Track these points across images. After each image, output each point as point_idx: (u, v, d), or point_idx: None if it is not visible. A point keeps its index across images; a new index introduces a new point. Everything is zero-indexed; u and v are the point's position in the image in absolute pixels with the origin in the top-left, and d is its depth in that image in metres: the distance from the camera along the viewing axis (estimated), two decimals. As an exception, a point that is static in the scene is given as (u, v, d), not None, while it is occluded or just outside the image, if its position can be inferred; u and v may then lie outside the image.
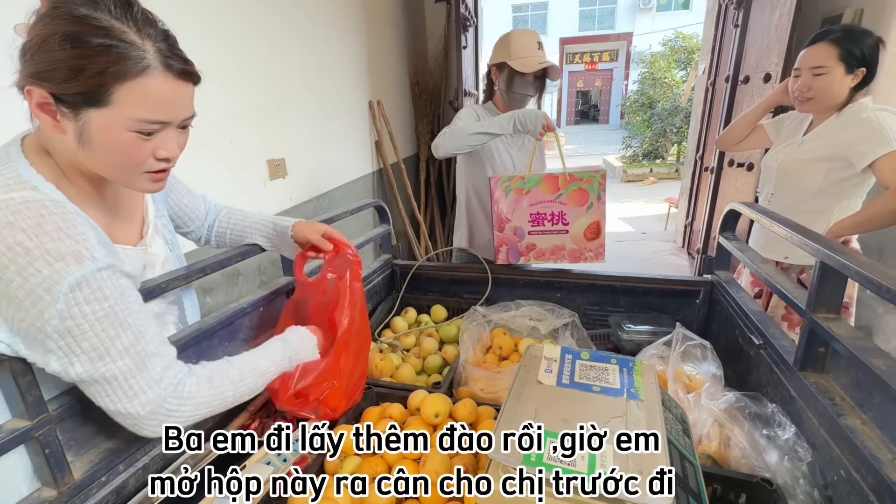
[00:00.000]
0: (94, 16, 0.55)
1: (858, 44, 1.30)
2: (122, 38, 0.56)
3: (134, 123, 0.59)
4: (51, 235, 0.55)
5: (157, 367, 0.63)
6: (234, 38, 1.65)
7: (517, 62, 1.52)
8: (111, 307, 0.58)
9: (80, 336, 0.56)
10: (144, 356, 0.61)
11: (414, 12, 3.53)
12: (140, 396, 0.61)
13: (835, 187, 1.39)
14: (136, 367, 0.61)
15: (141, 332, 0.62)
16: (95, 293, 0.57)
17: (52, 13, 0.55)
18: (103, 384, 0.59)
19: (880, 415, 0.67)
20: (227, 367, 0.73)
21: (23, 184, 0.58)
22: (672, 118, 9.48)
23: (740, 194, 3.04)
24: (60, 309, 0.54)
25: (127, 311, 0.60)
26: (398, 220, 3.23)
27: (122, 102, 0.58)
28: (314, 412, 0.94)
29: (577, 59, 19.45)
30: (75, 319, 0.56)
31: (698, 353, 1.02)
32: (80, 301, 0.56)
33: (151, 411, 0.62)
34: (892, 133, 1.23)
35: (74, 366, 0.57)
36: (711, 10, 3.93)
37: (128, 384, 0.60)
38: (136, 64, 0.57)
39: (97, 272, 0.57)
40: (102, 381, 0.59)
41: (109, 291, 0.58)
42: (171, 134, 0.65)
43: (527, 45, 1.53)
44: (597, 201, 1.28)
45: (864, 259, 0.70)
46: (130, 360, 0.60)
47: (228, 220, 1.02)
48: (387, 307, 1.52)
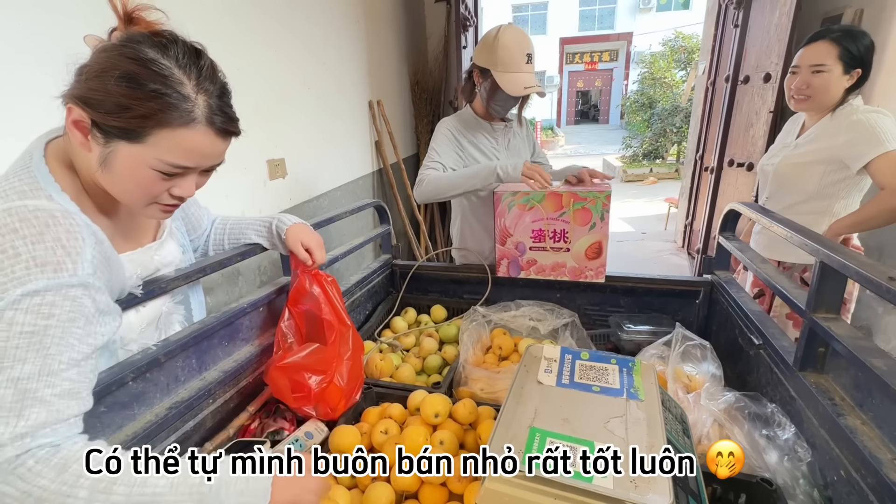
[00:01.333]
0: (160, 62, 0.58)
1: (857, 44, 1.31)
2: (178, 90, 0.58)
3: (159, 164, 0.61)
4: (46, 245, 0.55)
5: (31, 419, 0.50)
6: (234, 37, 1.65)
7: (502, 76, 1.37)
8: (45, 327, 0.53)
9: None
10: (30, 399, 0.51)
11: (414, 12, 3.53)
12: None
13: (831, 189, 1.39)
14: (10, 408, 0.50)
15: (52, 371, 0.53)
16: (42, 308, 0.53)
17: (121, 48, 0.58)
18: None
19: (880, 415, 0.67)
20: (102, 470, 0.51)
21: (38, 191, 0.59)
22: (672, 118, 9.49)
23: (740, 194, 3.04)
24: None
25: (58, 341, 0.53)
26: (398, 220, 3.23)
27: (155, 144, 0.60)
28: (314, 409, 0.94)
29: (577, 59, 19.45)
30: (1, 322, 0.51)
31: (698, 353, 1.02)
32: (22, 308, 0.52)
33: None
34: (884, 134, 1.24)
35: None
36: (711, 9, 3.93)
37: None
38: (182, 116, 0.59)
39: (65, 287, 0.55)
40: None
41: (58, 311, 0.54)
42: (192, 177, 0.67)
43: (515, 56, 1.36)
44: (600, 221, 1.27)
45: (864, 259, 0.70)
46: (12, 395, 0.50)
47: (223, 226, 1.02)
48: (387, 307, 1.52)
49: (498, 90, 1.40)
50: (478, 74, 1.47)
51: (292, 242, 0.96)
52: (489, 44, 1.39)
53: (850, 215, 1.34)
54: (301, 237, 0.97)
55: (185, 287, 0.89)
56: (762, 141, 2.70)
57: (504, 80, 1.38)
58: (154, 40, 0.59)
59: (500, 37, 1.37)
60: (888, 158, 1.22)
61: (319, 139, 2.31)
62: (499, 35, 1.38)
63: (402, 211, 3.23)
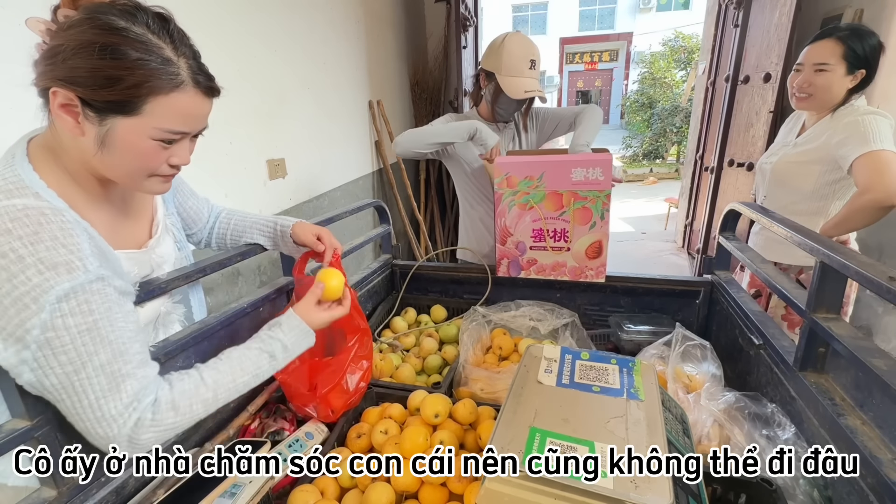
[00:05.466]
0: (134, 29, 0.57)
1: (863, 43, 1.30)
2: (160, 55, 0.59)
3: (159, 133, 0.62)
4: (46, 244, 0.55)
5: (129, 391, 0.60)
6: (234, 37, 1.65)
7: (506, 80, 1.42)
8: (94, 322, 0.57)
9: (60, 348, 0.55)
10: (119, 377, 0.60)
11: (414, 12, 3.53)
12: (109, 421, 0.59)
13: (827, 189, 1.39)
14: (109, 388, 0.59)
15: (120, 351, 0.60)
16: (81, 306, 0.56)
17: (91, 22, 0.56)
18: (75, 400, 0.57)
19: (880, 415, 0.67)
20: (199, 388, 0.67)
21: (24, 189, 0.58)
22: (672, 118, 9.49)
23: (740, 194, 3.04)
24: (44, 319, 0.54)
25: (110, 328, 0.59)
26: (398, 220, 3.23)
27: (151, 113, 0.60)
28: (315, 409, 0.94)
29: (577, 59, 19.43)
30: (57, 331, 0.55)
31: (698, 353, 1.02)
32: (66, 312, 0.55)
33: (117, 435, 0.60)
34: (873, 135, 1.22)
35: (49, 377, 0.56)
36: (711, 9, 3.93)
37: (98, 405, 0.58)
38: (171, 80, 0.60)
39: (87, 284, 0.57)
40: (75, 396, 0.57)
41: (96, 305, 0.58)
42: (186, 143, 0.68)
43: (518, 62, 1.41)
44: (600, 220, 1.27)
45: (864, 259, 0.70)
46: (105, 379, 0.58)
47: (228, 221, 1.02)
48: (387, 307, 1.52)
49: (501, 93, 1.44)
50: (483, 77, 1.52)
51: (302, 235, 0.97)
52: (495, 49, 1.45)
53: (833, 218, 1.33)
54: (308, 229, 0.98)
55: (185, 287, 0.89)
56: (762, 141, 2.70)
57: (507, 83, 1.42)
58: (119, 9, 0.58)
59: (506, 42, 1.42)
60: (868, 158, 1.21)
61: (319, 139, 2.31)
62: (505, 41, 1.43)
63: (402, 211, 3.23)
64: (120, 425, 0.59)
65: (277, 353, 0.77)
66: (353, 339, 1.00)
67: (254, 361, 0.74)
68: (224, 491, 0.70)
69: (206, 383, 0.68)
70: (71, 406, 0.58)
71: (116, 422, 0.59)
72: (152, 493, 0.71)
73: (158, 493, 0.71)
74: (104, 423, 0.59)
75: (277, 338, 0.78)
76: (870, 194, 1.18)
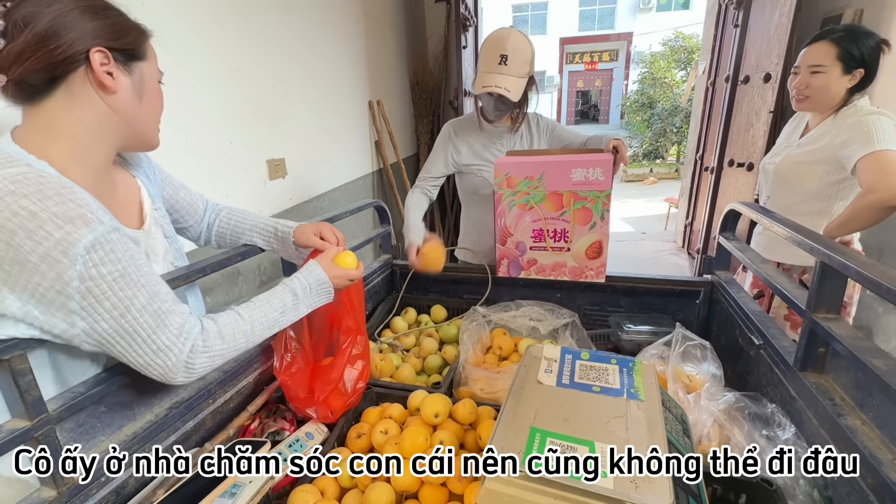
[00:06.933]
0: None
1: (858, 44, 1.30)
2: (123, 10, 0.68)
3: (158, 74, 0.74)
4: (54, 200, 0.55)
5: (175, 324, 0.65)
6: (234, 37, 1.65)
7: (478, 76, 1.38)
8: (125, 268, 0.60)
9: (101, 296, 0.58)
10: (162, 314, 0.64)
11: (414, 12, 3.53)
12: (165, 351, 0.64)
13: (830, 189, 1.39)
14: (157, 324, 0.63)
15: (155, 292, 0.64)
16: (109, 255, 0.58)
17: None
18: (129, 340, 0.61)
19: (880, 415, 0.67)
20: (238, 321, 0.75)
21: (15, 162, 0.58)
22: (672, 118, 9.50)
23: (740, 194, 3.04)
24: (80, 270, 0.55)
25: (139, 273, 0.62)
26: (398, 221, 3.23)
27: (150, 57, 0.72)
28: (315, 411, 0.94)
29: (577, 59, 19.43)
30: (94, 280, 0.57)
31: (698, 354, 1.02)
32: (97, 262, 0.57)
33: (175, 363, 0.65)
34: (877, 135, 1.22)
35: (100, 323, 0.59)
36: (711, 9, 3.93)
37: (151, 340, 0.63)
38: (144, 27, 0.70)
39: (107, 234, 0.58)
40: (128, 336, 0.61)
41: (121, 254, 0.60)
42: None
43: (487, 57, 1.35)
44: (600, 221, 1.27)
45: (864, 259, 0.70)
46: (150, 317, 0.63)
47: (229, 219, 1.02)
48: (387, 307, 1.52)
49: None
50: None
51: (304, 238, 0.98)
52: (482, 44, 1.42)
53: (836, 218, 1.33)
54: (309, 230, 0.99)
55: (183, 288, 0.89)
56: (762, 141, 2.70)
57: (477, 79, 1.39)
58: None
59: (487, 39, 1.37)
60: (872, 158, 1.20)
61: (319, 139, 2.31)
62: (487, 38, 1.38)
63: (402, 211, 3.23)
64: (176, 353, 0.65)
65: (298, 291, 0.83)
66: (346, 340, 0.99)
67: (279, 298, 0.82)
68: (224, 491, 0.70)
69: (243, 317, 0.76)
70: (128, 346, 0.62)
71: (172, 351, 0.64)
72: (152, 493, 0.71)
73: (158, 493, 0.71)
74: (161, 354, 0.64)
75: (297, 278, 0.85)
76: (874, 194, 1.18)
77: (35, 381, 0.59)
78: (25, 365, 0.58)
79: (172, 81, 1.38)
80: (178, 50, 1.39)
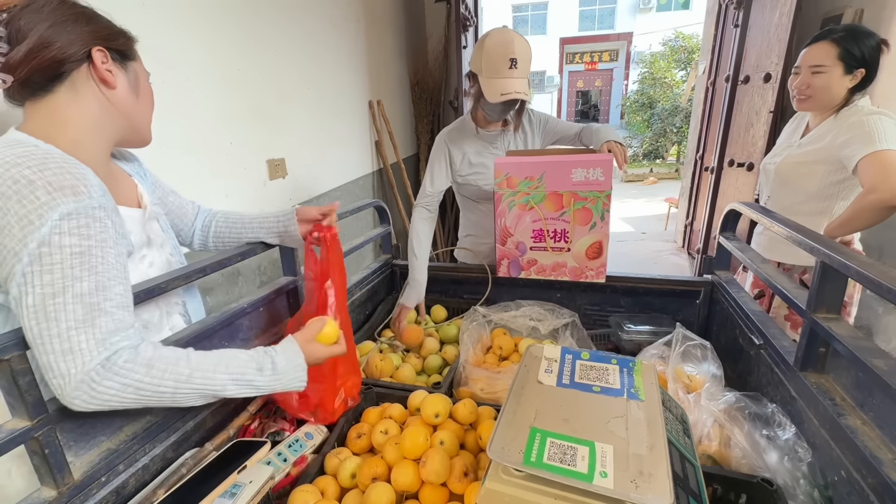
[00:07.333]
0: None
1: (859, 44, 1.30)
2: None
3: (146, 74, 0.78)
4: (53, 171, 0.58)
5: (103, 328, 0.59)
6: (234, 37, 1.65)
7: (485, 82, 1.31)
8: (88, 248, 0.59)
9: (48, 266, 0.56)
10: (96, 310, 0.59)
11: (414, 12, 3.53)
12: (76, 354, 0.57)
13: (831, 189, 1.39)
14: (83, 320, 0.57)
15: (104, 286, 0.60)
16: (81, 229, 0.58)
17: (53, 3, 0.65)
18: (44, 327, 0.56)
19: (881, 415, 0.66)
20: (178, 362, 0.65)
21: (23, 143, 0.62)
22: (672, 118, 9.50)
23: (740, 194, 3.04)
24: (43, 234, 0.56)
25: (101, 259, 0.60)
26: (398, 220, 3.23)
27: (139, 58, 0.76)
28: (313, 415, 0.94)
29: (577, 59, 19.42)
30: (51, 247, 0.56)
31: (698, 354, 1.02)
32: (64, 231, 0.57)
33: (80, 374, 0.57)
34: (878, 135, 1.22)
35: (28, 296, 0.55)
36: (711, 9, 3.93)
37: (67, 335, 0.56)
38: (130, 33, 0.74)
39: (90, 209, 0.60)
40: (45, 322, 0.56)
41: (94, 231, 0.60)
42: None
43: (496, 61, 1.28)
44: (600, 221, 1.27)
45: (864, 259, 0.70)
46: (81, 309, 0.57)
47: (227, 219, 1.03)
48: (387, 307, 1.52)
49: (482, 96, 1.33)
50: (471, 79, 1.41)
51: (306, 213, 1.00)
52: (478, 47, 1.33)
53: (837, 218, 1.33)
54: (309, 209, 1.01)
55: (182, 289, 0.89)
56: (762, 141, 2.70)
57: (486, 85, 1.31)
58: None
59: (487, 40, 1.30)
60: (873, 158, 1.20)
61: (319, 139, 2.30)
62: (486, 39, 1.31)
63: (402, 211, 3.23)
64: (86, 361, 0.57)
65: (266, 368, 0.72)
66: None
67: (241, 365, 0.71)
68: (224, 491, 0.70)
69: (190, 361, 0.66)
70: (39, 334, 0.56)
71: (84, 356, 0.57)
72: (152, 493, 0.71)
73: (158, 493, 0.71)
74: (70, 356, 0.56)
75: (270, 354, 0.74)
76: (875, 194, 1.18)
77: (35, 381, 0.59)
78: (25, 365, 0.58)
79: (173, 81, 1.39)
80: (179, 50, 1.39)
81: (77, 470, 0.65)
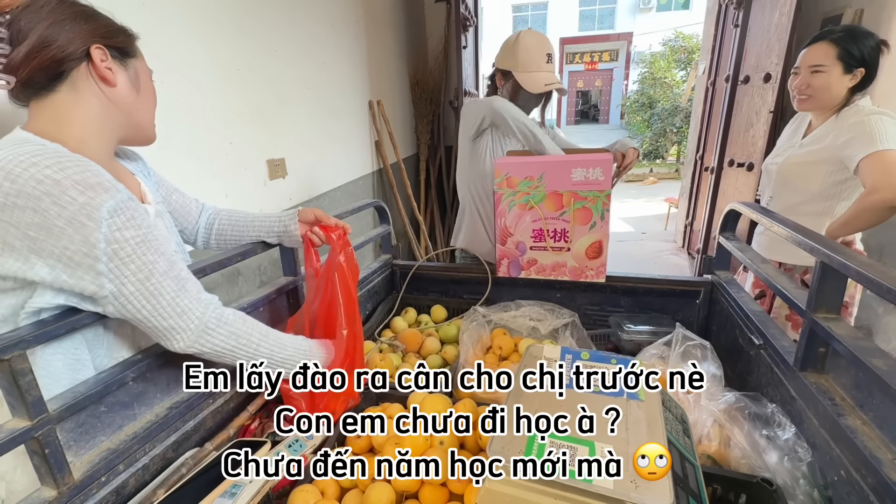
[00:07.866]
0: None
1: (858, 44, 1.30)
2: None
3: (149, 72, 0.77)
4: (73, 169, 0.59)
5: (192, 290, 0.69)
6: (234, 38, 1.65)
7: (524, 76, 1.43)
8: (145, 235, 0.63)
9: (126, 259, 0.61)
10: (181, 279, 0.68)
11: (414, 12, 3.53)
12: (189, 314, 0.68)
13: (833, 189, 1.39)
14: (178, 288, 0.67)
15: (173, 261, 0.67)
16: (130, 221, 0.61)
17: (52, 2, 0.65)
18: (154, 303, 0.64)
19: (880, 415, 0.67)
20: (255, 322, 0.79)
21: (31, 141, 0.62)
22: (672, 118, 9.50)
23: (740, 194, 3.04)
24: (105, 233, 0.58)
25: (158, 241, 0.66)
26: (398, 220, 3.23)
27: (140, 55, 0.76)
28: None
29: (577, 59, 19.42)
30: (119, 243, 0.60)
31: (698, 354, 1.02)
32: (120, 226, 0.60)
33: (197, 327, 0.69)
34: (879, 134, 1.22)
35: (126, 286, 0.62)
36: (711, 10, 3.93)
37: (175, 303, 0.66)
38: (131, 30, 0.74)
39: (126, 201, 0.62)
40: (153, 298, 0.64)
41: (140, 220, 0.63)
42: None
43: (535, 57, 1.42)
44: (600, 221, 1.27)
45: (864, 259, 0.70)
46: (172, 282, 0.66)
47: (229, 218, 1.03)
48: (387, 307, 1.52)
49: (520, 90, 1.45)
50: (500, 77, 1.52)
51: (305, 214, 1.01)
52: (510, 47, 1.46)
53: (839, 218, 1.33)
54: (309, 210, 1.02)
55: None
56: (762, 141, 2.70)
57: (525, 79, 1.43)
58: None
59: (521, 39, 1.44)
60: (875, 158, 1.21)
61: (319, 139, 2.31)
62: (519, 38, 1.44)
63: (402, 211, 3.23)
64: (199, 315, 0.69)
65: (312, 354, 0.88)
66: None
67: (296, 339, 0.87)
68: (224, 491, 0.70)
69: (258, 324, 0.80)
70: (153, 309, 0.65)
71: (194, 313, 0.68)
72: (152, 493, 0.71)
73: (158, 493, 0.71)
74: (185, 316, 0.67)
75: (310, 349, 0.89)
76: (877, 194, 1.18)
77: (35, 381, 0.59)
78: (25, 365, 0.58)
79: (173, 81, 1.39)
80: (179, 50, 1.39)
81: (77, 470, 0.65)
